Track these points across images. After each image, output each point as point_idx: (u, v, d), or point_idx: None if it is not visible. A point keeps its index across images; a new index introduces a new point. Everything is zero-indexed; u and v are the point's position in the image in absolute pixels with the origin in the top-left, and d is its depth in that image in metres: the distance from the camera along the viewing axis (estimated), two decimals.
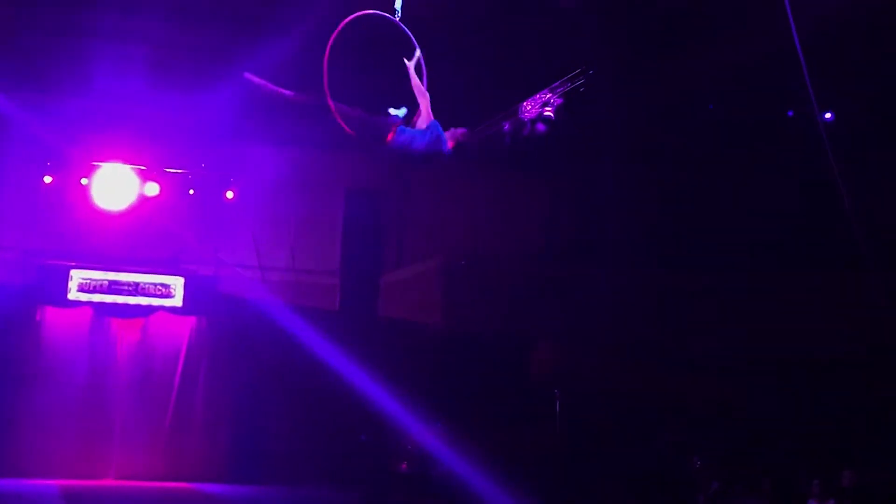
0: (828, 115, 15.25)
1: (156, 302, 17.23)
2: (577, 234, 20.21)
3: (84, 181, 17.13)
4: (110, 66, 15.59)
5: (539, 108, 16.01)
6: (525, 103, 16.40)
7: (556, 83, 15.88)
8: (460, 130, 8.40)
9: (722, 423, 16.78)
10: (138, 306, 17.16)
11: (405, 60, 8.38)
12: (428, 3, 12.96)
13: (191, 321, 17.49)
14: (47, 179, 17.08)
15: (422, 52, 8.53)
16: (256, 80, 8.48)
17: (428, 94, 8.37)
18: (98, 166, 17.19)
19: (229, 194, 17.90)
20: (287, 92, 8.33)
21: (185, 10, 14.68)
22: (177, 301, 17.30)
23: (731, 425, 16.70)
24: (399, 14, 8.59)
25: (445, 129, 8.36)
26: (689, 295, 18.15)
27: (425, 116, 8.31)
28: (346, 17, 8.25)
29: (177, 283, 17.33)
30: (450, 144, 8.28)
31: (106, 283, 17.01)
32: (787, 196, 17.58)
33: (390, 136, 8.12)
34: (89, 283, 16.95)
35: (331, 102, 7.98)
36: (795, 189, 17.37)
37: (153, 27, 15.11)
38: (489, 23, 14.84)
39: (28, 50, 15.63)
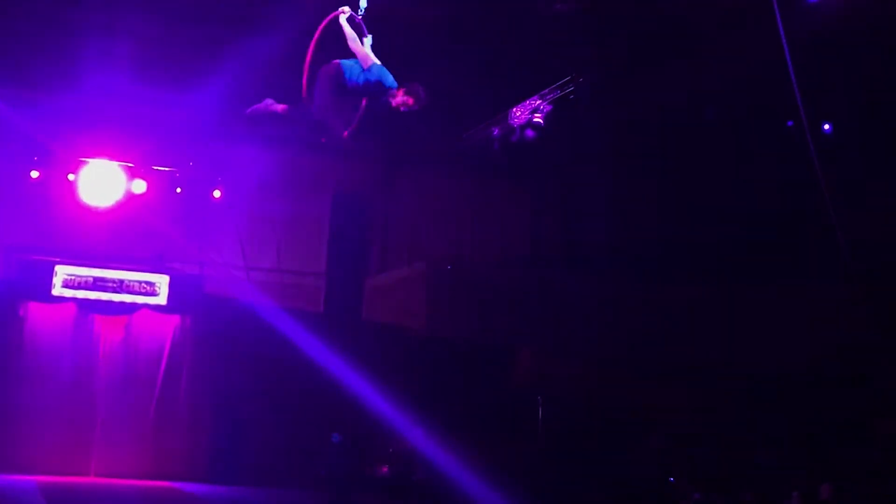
0: (826, 127, 15.44)
1: (140, 300, 17.19)
2: (562, 242, 20.27)
3: (71, 177, 17.09)
4: (98, 63, 15.55)
5: (528, 114, 16.09)
6: (515, 109, 16.50)
7: (546, 90, 15.97)
8: (417, 88, 8.29)
9: (702, 434, 16.84)
10: (122, 303, 17.12)
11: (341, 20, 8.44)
12: (419, 10, 13.00)
13: (175, 319, 17.45)
14: (34, 174, 17.02)
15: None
16: (253, 109, 8.53)
17: (358, 40, 8.38)
18: (85, 162, 17.15)
19: (216, 193, 17.88)
20: (279, 107, 8.42)
21: (173, 7, 14.68)
22: (161, 299, 17.27)
23: (711, 436, 16.76)
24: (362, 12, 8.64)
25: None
26: (673, 305, 18.21)
27: (363, 58, 8.32)
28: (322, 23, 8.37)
29: (162, 282, 17.30)
30: (398, 100, 8.23)
31: (91, 279, 16.97)
32: (770, 208, 17.67)
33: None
34: (74, 280, 16.90)
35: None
36: (778, 201, 17.45)
37: (141, 24, 15.09)
38: (480, 30, 14.86)
39: (16, 46, 15.58)
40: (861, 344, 15.06)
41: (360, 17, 8.59)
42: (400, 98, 8.24)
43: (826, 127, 15.82)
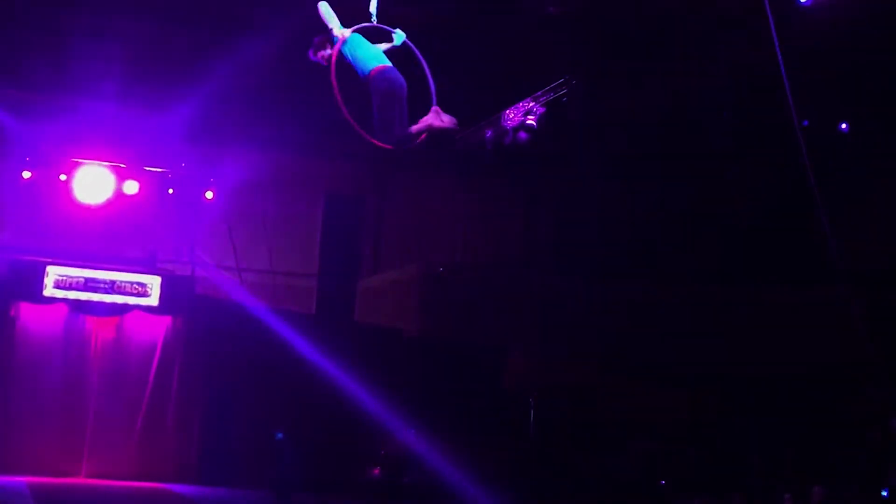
0: (843, 126, 15.48)
1: (132, 300, 17.11)
2: (555, 244, 20.26)
3: (63, 178, 17.06)
4: (90, 63, 15.54)
5: (521, 116, 16.07)
6: (507, 111, 16.47)
7: (539, 92, 15.95)
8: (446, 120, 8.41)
9: (694, 436, 16.83)
10: (114, 304, 17.04)
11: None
12: (411, 11, 12.98)
13: (166, 321, 17.36)
14: (26, 175, 16.99)
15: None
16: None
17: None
18: (77, 163, 17.12)
19: (209, 194, 17.84)
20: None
21: (165, 8, 14.67)
22: (153, 300, 17.19)
23: (707, 438, 16.74)
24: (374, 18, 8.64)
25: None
26: (665, 307, 18.20)
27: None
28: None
29: (153, 283, 17.22)
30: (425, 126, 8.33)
31: (82, 280, 16.89)
32: (764, 210, 17.68)
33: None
34: (65, 280, 16.82)
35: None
36: (772, 203, 17.47)
37: (133, 25, 15.08)
38: (473, 31, 14.86)
39: (7, 46, 15.57)
40: (858, 346, 15.05)
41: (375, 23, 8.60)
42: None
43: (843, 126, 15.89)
